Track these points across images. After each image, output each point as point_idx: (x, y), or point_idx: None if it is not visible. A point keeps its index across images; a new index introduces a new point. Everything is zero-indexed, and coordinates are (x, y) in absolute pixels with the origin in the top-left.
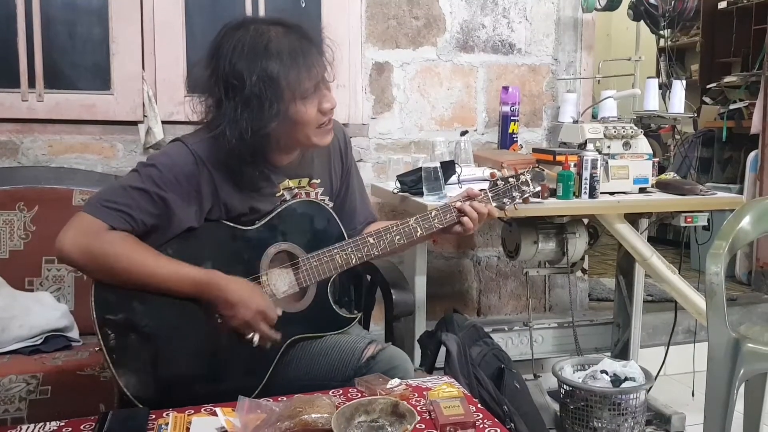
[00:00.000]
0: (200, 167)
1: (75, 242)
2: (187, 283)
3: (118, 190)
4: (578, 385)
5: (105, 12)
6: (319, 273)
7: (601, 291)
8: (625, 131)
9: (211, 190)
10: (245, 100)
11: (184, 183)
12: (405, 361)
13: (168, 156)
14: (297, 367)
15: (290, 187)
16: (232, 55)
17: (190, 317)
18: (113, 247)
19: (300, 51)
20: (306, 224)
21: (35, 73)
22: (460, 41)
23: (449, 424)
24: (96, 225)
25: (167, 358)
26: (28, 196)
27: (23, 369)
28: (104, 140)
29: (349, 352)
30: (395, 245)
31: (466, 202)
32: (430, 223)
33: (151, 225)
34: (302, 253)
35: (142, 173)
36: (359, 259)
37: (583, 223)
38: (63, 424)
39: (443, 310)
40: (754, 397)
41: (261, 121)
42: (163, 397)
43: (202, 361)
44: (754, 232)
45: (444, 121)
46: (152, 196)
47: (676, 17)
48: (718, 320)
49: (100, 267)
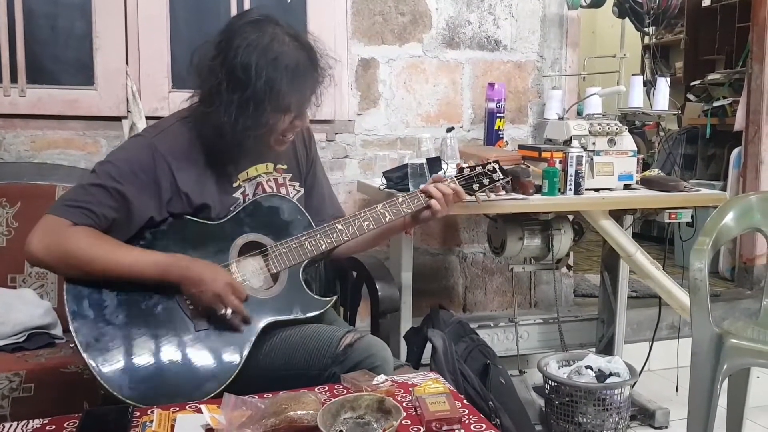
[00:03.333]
0: (157, 159)
1: (41, 242)
2: (151, 268)
3: (77, 189)
4: (563, 380)
5: (88, 6)
6: (288, 259)
7: (586, 287)
8: (609, 128)
9: (169, 181)
10: (244, 96)
11: (141, 175)
12: (383, 350)
13: (124, 150)
14: (276, 356)
15: (252, 176)
16: (245, 51)
17: (163, 310)
18: (76, 241)
19: (303, 72)
20: (273, 216)
21: (17, 67)
22: (446, 38)
23: (435, 420)
24: (59, 223)
25: (140, 352)
26: (11, 192)
27: (6, 367)
28: (87, 136)
29: (327, 340)
30: (364, 230)
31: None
32: (397, 209)
33: (113, 219)
34: (271, 243)
35: (99, 171)
36: (329, 245)
37: (568, 220)
38: (46, 422)
39: (429, 306)
40: (738, 392)
41: (245, 117)
42: (142, 392)
43: (176, 352)
44: (737, 229)
45: (430, 118)
46: (109, 190)
47: (660, 15)
48: (701, 316)
49: (67, 262)
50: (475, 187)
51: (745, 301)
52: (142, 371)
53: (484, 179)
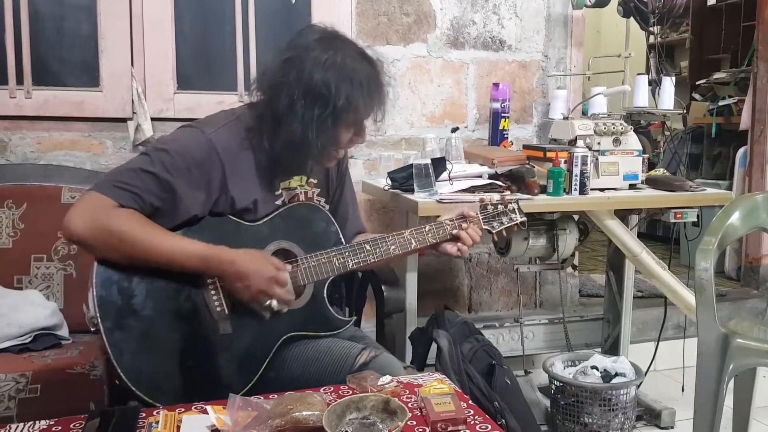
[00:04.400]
0: (212, 156)
1: (83, 217)
2: (194, 257)
3: (128, 171)
4: (569, 380)
5: (93, 8)
6: (316, 273)
7: (592, 287)
8: (615, 128)
9: (220, 181)
10: (325, 113)
11: (194, 171)
12: (398, 369)
13: (180, 142)
14: (290, 369)
15: (290, 187)
16: (322, 67)
17: (188, 307)
18: (120, 221)
19: (375, 87)
20: (307, 226)
21: (23, 69)
22: (451, 38)
23: (440, 421)
24: (104, 202)
25: (161, 347)
26: (17, 193)
27: (12, 368)
28: (93, 137)
29: (342, 357)
30: (390, 254)
31: (461, 224)
32: (423, 237)
33: (158, 208)
34: (301, 253)
35: (154, 157)
36: (355, 264)
37: (574, 220)
38: (53, 423)
39: (434, 306)
40: (744, 393)
41: (322, 133)
42: (156, 383)
43: (196, 353)
44: (743, 228)
45: (434, 118)
46: (161, 180)
47: (665, 14)
48: (707, 316)
49: (107, 241)
50: (495, 225)
51: (751, 301)
52: (159, 368)
53: (504, 218)
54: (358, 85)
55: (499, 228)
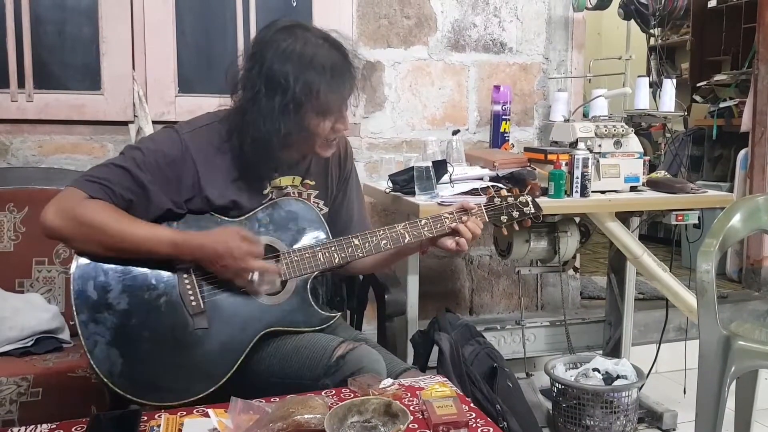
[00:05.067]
0: (185, 156)
1: (55, 210)
2: (165, 243)
3: (100, 167)
4: (570, 383)
5: (95, 11)
6: (299, 268)
7: (593, 289)
8: (616, 130)
9: (192, 182)
10: (284, 102)
11: (165, 169)
12: (375, 362)
13: (154, 141)
14: (269, 363)
15: (281, 186)
16: (281, 56)
17: (164, 302)
18: (91, 210)
19: (340, 72)
20: (291, 221)
21: (24, 73)
22: (452, 40)
23: (442, 424)
24: (76, 194)
25: (136, 341)
26: (18, 196)
27: (14, 371)
28: (94, 140)
29: (321, 350)
30: (380, 249)
31: (461, 217)
32: (418, 231)
33: (130, 200)
34: (284, 248)
35: (127, 154)
36: (342, 259)
37: (575, 222)
38: (54, 427)
39: (436, 309)
40: (746, 395)
41: (286, 123)
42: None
43: (171, 347)
44: (744, 230)
45: (435, 120)
46: (131, 175)
47: (666, 16)
48: (709, 318)
49: (79, 231)
50: (504, 219)
51: (753, 303)
52: (134, 362)
53: (515, 212)
54: (320, 70)
55: (509, 222)
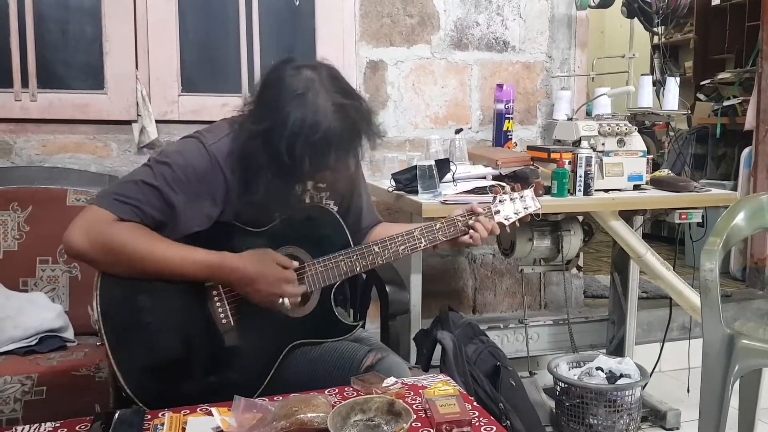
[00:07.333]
0: (215, 169)
1: (83, 232)
2: (199, 267)
3: (129, 184)
4: (574, 382)
5: (98, 11)
6: (323, 279)
7: (596, 288)
8: (619, 128)
9: (223, 194)
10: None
11: (196, 185)
12: (404, 373)
13: (182, 155)
14: (296, 371)
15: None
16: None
17: (194, 319)
18: (122, 235)
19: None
20: (313, 229)
21: (28, 72)
22: (455, 39)
23: (445, 423)
24: (105, 216)
25: (168, 356)
26: (22, 196)
27: (18, 370)
28: (98, 140)
29: (348, 359)
30: (399, 255)
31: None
32: (433, 235)
33: (159, 221)
34: (308, 258)
35: (156, 170)
36: (363, 267)
37: (578, 221)
38: (58, 425)
39: (439, 308)
40: (749, 393)
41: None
42: (161, 396)
43: (202, 361)
44: (748, 229)
45: (438, 119)
46: (162, 195)
47: (669, 14)
48: (712, 317)
49: (110, 256)
50: (511, 215)
51: (757, 302)
52: (164, 380)
53: (519, 205)
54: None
55: (514, 218)
